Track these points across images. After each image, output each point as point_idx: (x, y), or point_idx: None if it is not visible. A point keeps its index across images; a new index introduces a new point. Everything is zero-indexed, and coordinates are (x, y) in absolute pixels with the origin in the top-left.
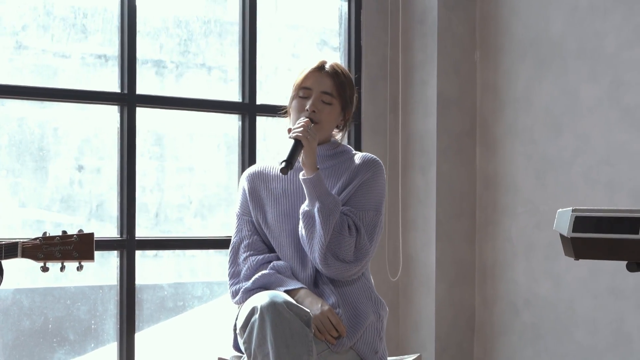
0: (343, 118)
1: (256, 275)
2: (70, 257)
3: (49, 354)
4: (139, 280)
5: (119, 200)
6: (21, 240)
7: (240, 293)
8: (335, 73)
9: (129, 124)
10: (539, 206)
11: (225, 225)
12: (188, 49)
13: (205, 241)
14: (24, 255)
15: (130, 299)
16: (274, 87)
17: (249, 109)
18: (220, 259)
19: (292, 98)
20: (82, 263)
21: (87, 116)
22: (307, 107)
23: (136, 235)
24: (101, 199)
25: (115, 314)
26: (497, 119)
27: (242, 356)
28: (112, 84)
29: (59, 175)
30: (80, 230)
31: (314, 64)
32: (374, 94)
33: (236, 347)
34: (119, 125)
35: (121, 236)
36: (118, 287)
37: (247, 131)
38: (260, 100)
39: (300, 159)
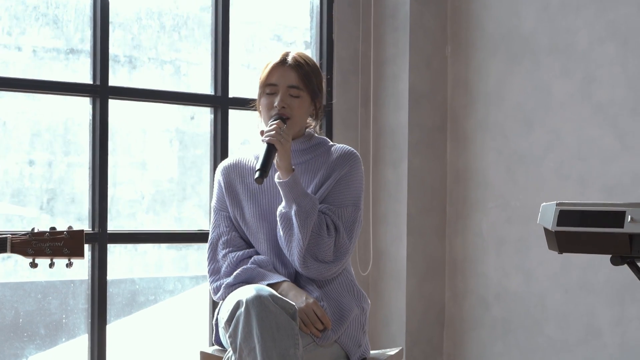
0: (314, 107)
1: (237, 270)
2: (60, 254)
3: (20, 348)
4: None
5: (90, 193)
6: (10, 235)
7: (222, 289)
8: (298, 65)
9: (101, 116)
10: (510, 201)
11: (178, 220)
12: (155, 43)
13: (179, 235)
14: (13, 251)
15: (102, 292)
16: (244, 81)
17: (221, 102)
18: (172, 254)
19: (260, 96)
20: (72, 260)
21: (42, 108)
22: (276, 103)
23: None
24: (54, 193)
25: (86, 308)
26: (468, 114)
27: (223, 350)
28: (84, 76)
29: (9, 169)
30: (70, 227)
31: (277, 58)
32: (346, 88)
33: (217, 341)
34: (91, 118)
35: (93, 229)
36: (89, 280)
37: (220, 124)
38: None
39: (275, 161)
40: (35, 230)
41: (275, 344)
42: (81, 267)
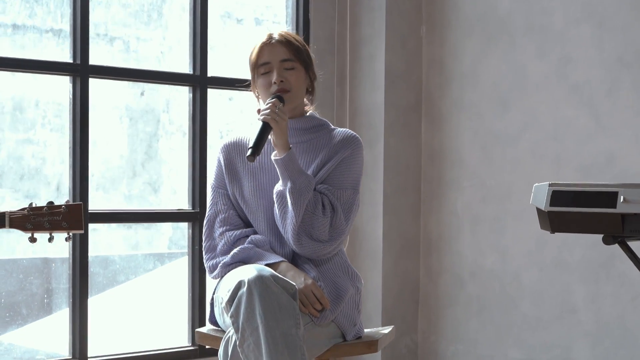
0: (310, 79)
1: (235, 250)
2: (59, 228)
3: (1, 328)
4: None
5: (71, 173)
6: (8, 210)
7: (218, 267)
8: (286, 40)
9: (81, 95)
10: (485, 180)
11: (128, 198)
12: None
13: (159, 214)
14: (11, 226)
15: (84, 271)
16: (223, 61)
17: (200, 81)
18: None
19: (254, 78)
20: (71, 233)
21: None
22: (274, 79)
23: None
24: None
25: (67, 287)
26: (443, 94)
27: (219, 330)
28: (63, 55)
29: None
30: (68, 201)
31: (263, 38)
32: (322, 68)
33: (212, 320)
34: (71, 97)
35: None
36: (70, 259)
37: (199, 103)
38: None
39: (271, 139)
40: (33, 205)
41: (278, 324)
42: (62, 247)
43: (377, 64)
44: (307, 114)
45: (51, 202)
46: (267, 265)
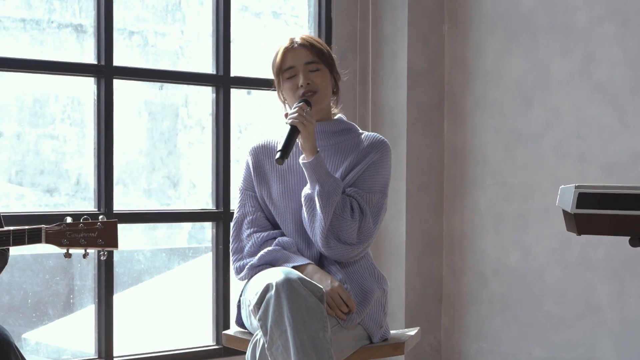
0: (334, 80)
1: (262, 252)
2: (95, 245)
3: (29, 328)
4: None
5: (96, 175)
6: (44, 225)
7: (245, 269)
8: (308, 43)
9: (106, 96)
10: (508, 178)
11: (147, 192)
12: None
13: (183, 214)
14: (47, 241)
15: (109, 270)
16: (242, 55)
17: (223, 81)
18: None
19: (279, 83)
20: (106, 250)
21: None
22: (300, 82)
23: (114, 208)
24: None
25: (93, 287)
26: (466, 92)
27: (246, 332)
28: (83, 51)
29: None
30: (103, 217)
31: (285, 43)
32: (344, 66)
33: (239, 322)
34: (95, 98)
35: (99, 209)
36: (95, 259)
37: (222, 104)
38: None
39: (299, 143)
40: (69, 221)
41: (306, 327)
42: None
43: (399, 62)
44: (335, 117)
45: (86, 218)
46: (293, 267)
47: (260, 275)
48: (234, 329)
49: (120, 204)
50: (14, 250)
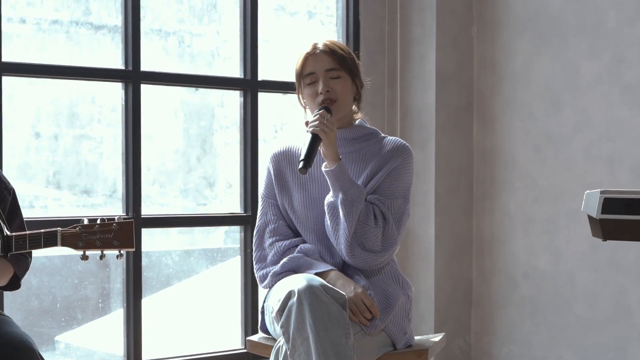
0: (356, 87)
1: (284, 259)
2: (111, 246)
3: (58, 332)
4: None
5: (124, 179)
6: (60, 228)
7: (269, 277)
8: (330, 49)
9: (133, 101)
10: (538, 181)
11: (184, 192)
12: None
13: (216, 218)
14: (63, 244)
15: (137, 276)
16: (277, 54)
17: (250, 85)
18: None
19: (300, 88)
20: (122, 251)
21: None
22: (320, 89)
23: (142, 212)
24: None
25: (122, 291)
26: (495, 94)
27: (270, 338)
28: (115, 58)
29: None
30: (119, 218)
31: (307, 48)
32: (372, 69)
33: (263, 328)
34: (123, 103)
35: (127, 214)
36: (124, 263)
37: (250, 108)
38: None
39: (321, 150)
40: (85, 222)
41: (328, 334)
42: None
43: (427, 65)
44: (356, 122)
45: (103, 219)
46: (316, 274)
47: (282, 282)
48: (258, 335)
49: (156, 205)
50: (41, 253)
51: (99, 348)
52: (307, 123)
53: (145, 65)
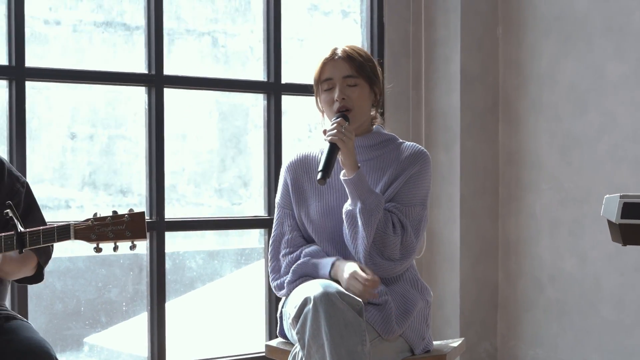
0: (375, 94)
1: (293, 267)
2: (123, 237)
3: (82, 336)
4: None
5: (147, 182)
6: (73, 222)
7: (285, 286)
8: (349, 56)
9: (157, 105)
10: (564, 183)
11: (219, 192)
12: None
13: (238, 221)
14: (76, 237)
15: (161, 280)
16: (296, 61)
17: (274, 88)
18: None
19: (318, 94)
20: (135, 242)
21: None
22: (336, 97)
23: (165, 216)
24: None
25: (146, 295)
26: (521, 96)
27: (288, 343)
28: (138, 60)
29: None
30: (131, 210)
31: (327, 53)
32: (397, 71)
33: (282, 333)
34: (146, 107)
35: (151, 217)
36: (148, 268)
37: (274, 111)
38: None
39: (339, 159)
40: (98, 215)
41: (344, 341)
42: (139, 257)
43: (452, 66)
44: (373, 128)
45: (115, 212)
46: (326, 274)
47: (299, 288)
48: (277, 340)
49: (191, 205)
50: (65, 255)
51: (123, 349)
52: (325, 131)
53: (178, 67)
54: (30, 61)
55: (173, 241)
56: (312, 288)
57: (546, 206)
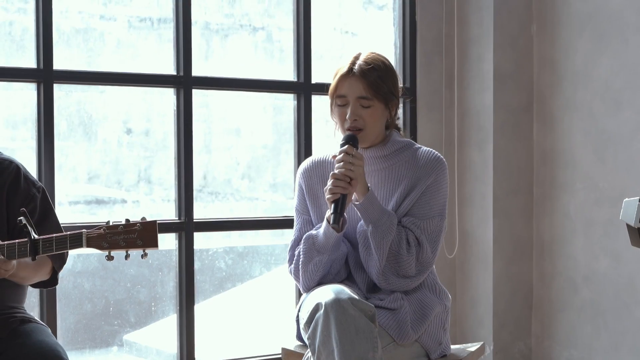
0: (389, 111)
1: (297, 252)
2: (134, 245)
3: (110, 336)
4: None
5: (176, 183)
6: (85, 230)
7: (300, 274)
8: (364, 74)
9: (185, 107)
10: (598, 182)
11: (274, 186)
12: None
13: (267, 222)
14: (88, 245)
15: (190, 280)
16: (328, 55)
17: (304, 89)
18: None
19: (332, 105)
20: (146, 250)
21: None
22: (348, 116)
23: (194, 216)
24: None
25: (175, 295)
26: (555, 94)
27: (305, 346)
28: (166, 59)
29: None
30: (144, 218)
31: (344, 68)
32: (429, 70)
33: (299, 337)
34: (175, 108)
35: (179, 218)
36: (177, 268)
37: (303, 111)
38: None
39: None
40: (110, 224)
41: (354, 348)
42: (169, 256)
43: (485, 65)
44: (390, 134)
45: (127, 220)
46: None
47: (312, 293)
48: (294, 344)
49: (245, 199)
50: (94, 256)
51: (152, 349)
52: (334, 157)
53: (229, 63)
54: (59, 64)
55: (205, 236)
56: (324, 294)
57: (580, 206)
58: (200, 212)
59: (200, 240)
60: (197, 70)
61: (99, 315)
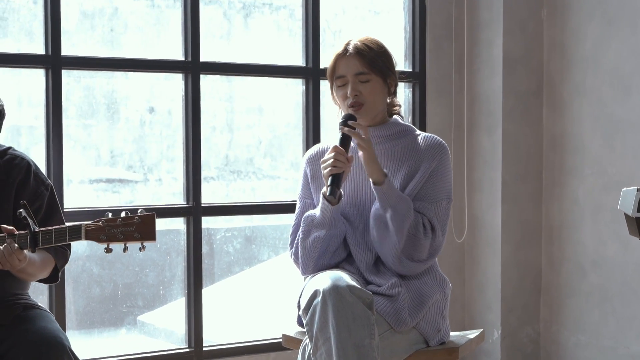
0: (389, 87)
1: (299, 231)
2: (132, 239)
3: (119, 319)
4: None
5: (184, 168)
6: (84, 223)
7: (300, 254)
8: (359, 52)
9: (193, 92)
10: (607, 168)
11: (295, 165)
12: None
13: (273, 206)
14: (87, 238)
15: (198, 264)
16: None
17: (312, 74)
18: None
19: (332, 88)
20: (144, 244)
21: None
22: (348, 94)
23: (202, 200)
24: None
25: (183, 279)
26: (564, 79)
27: (304, 332)
28: (175, 43)
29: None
30: (142, 211)
31: (339, 49)
32: (439, 54)
33: (300, 323)
34: (183, 94)
35: (187, 203)
36: (185, 253)
37: (312, 97)
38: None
39: (353, 144)
40: (109, 216)
41: (351, 335)
42: (177, 241)
43: (495, 49)
44: (391, 118)
45: (127, 212)
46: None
47: (311, 281)
48: (294, 330)
49: (267, 177)
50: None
51: (160, 332)
52: (341, 125)
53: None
54: (67, 50)
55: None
56: (323, 281)
57: (589, 191)
58: (222, 191)
59: (209, 221)
60: (215, 52)
61: (108, 299)
